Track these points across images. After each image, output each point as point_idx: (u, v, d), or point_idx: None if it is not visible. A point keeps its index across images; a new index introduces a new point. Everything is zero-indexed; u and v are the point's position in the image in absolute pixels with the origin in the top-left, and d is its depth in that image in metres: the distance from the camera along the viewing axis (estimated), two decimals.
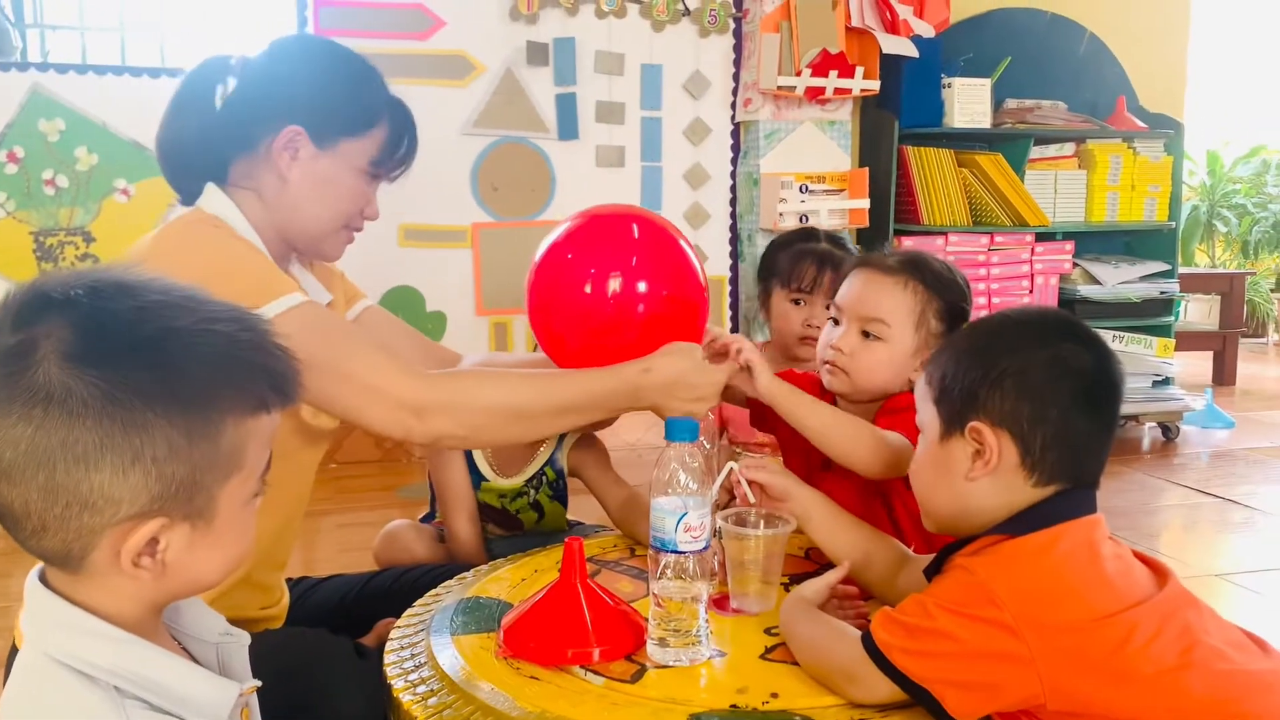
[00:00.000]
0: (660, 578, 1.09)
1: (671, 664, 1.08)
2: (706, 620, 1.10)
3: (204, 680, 0.77)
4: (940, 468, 1.05)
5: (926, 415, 1.08)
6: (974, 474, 1.01)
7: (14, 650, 1.22)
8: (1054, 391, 0.99)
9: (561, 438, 1.76)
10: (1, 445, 0.70)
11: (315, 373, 1.18)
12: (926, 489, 1.09)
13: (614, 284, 1.34)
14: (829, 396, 1.51)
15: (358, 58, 1.35)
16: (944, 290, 1.42)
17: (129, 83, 3.28)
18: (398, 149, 1.36)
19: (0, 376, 0.69)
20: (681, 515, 1.07)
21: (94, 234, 3.33)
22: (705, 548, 1.09)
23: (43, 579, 0.77)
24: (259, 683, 0.85)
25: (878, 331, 1.41)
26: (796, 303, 2.12)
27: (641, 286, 1.34)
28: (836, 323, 1.46)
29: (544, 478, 1.81)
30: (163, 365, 0.71)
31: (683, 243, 1.40)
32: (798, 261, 2.13)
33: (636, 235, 1.38)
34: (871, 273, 1.44)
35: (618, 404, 1.30)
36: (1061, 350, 1.00)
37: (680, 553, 1.08)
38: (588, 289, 1.34)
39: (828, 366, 1.45)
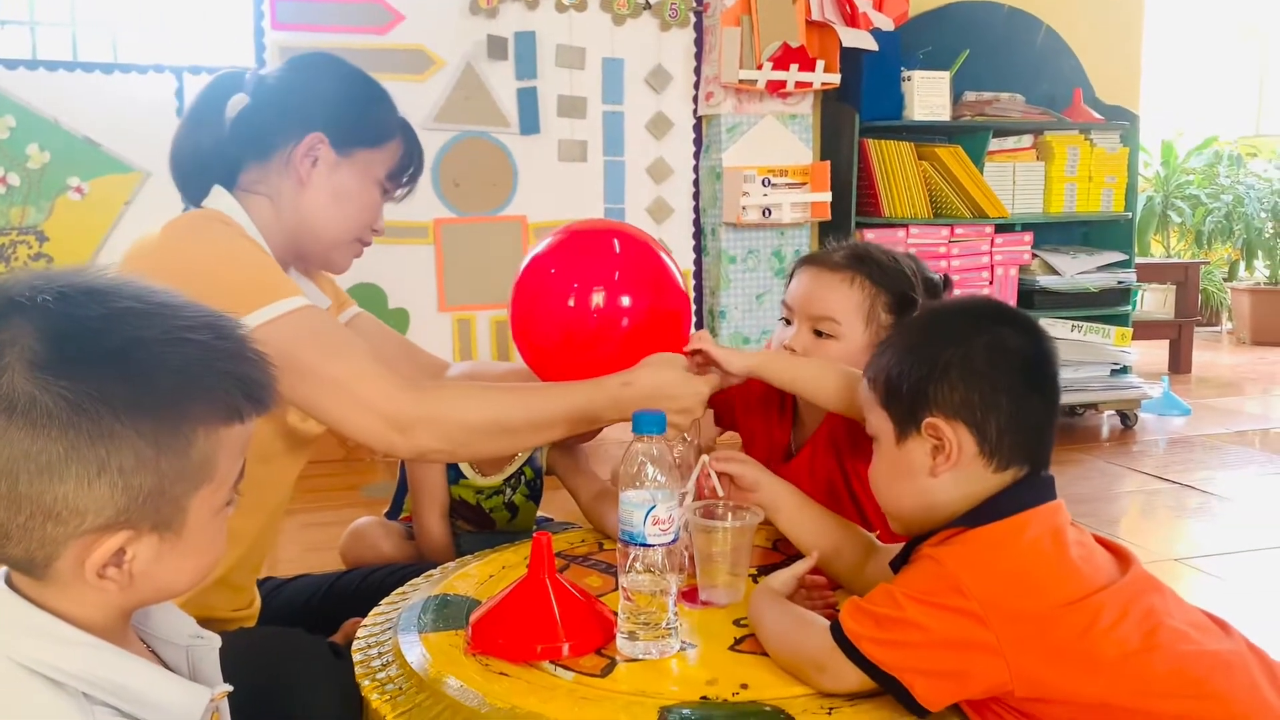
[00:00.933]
0: (629, 571, 1.09)
1: (641, 657, 1.08)
2: (676, 613, 1.10)
3: (174, 685, 0.76)
4: (901, 470, 1.06)
5: (877, 421, 1.08)
6: (937, 469, 1.02)
7: None
8: (1000, 375, 1.01)
9: None
10: None
11: (308, 378, 1.18)
12: (890, 494, 1.09)
13: (597, 298, 1.34)
14: (777, 396, 1.51)
15: (371, 77, 1.41)
16: (891, 282, 1.42)
17: (81, 79, 3.22)
18: (410, 164, 1.41)
19: None
20: (650, 508, 1.07)
21: (47, 233, 3.27)
22: (674, 541, 1.09)
23: (7, 582, 0.75)
24: (229, 687, 0.83)
25: (829, 330, 1.41)
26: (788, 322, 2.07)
27: (625, 300, 1.35)
28: (788, 323, 1.46)
29: (522, 476, 1.82)
30: (132, 375, 0.69)
31: (664, 256, 1.40)
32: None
33: (618, 250, 1.38)
34: (817, 270, 1.44)
35: (600, 417, 1.30)
36: (998, 334, 1.02)
37: (649, 546, 1.08)
38: (571, 303, 1.34)
39: None
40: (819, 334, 1.42)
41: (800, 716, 0.96)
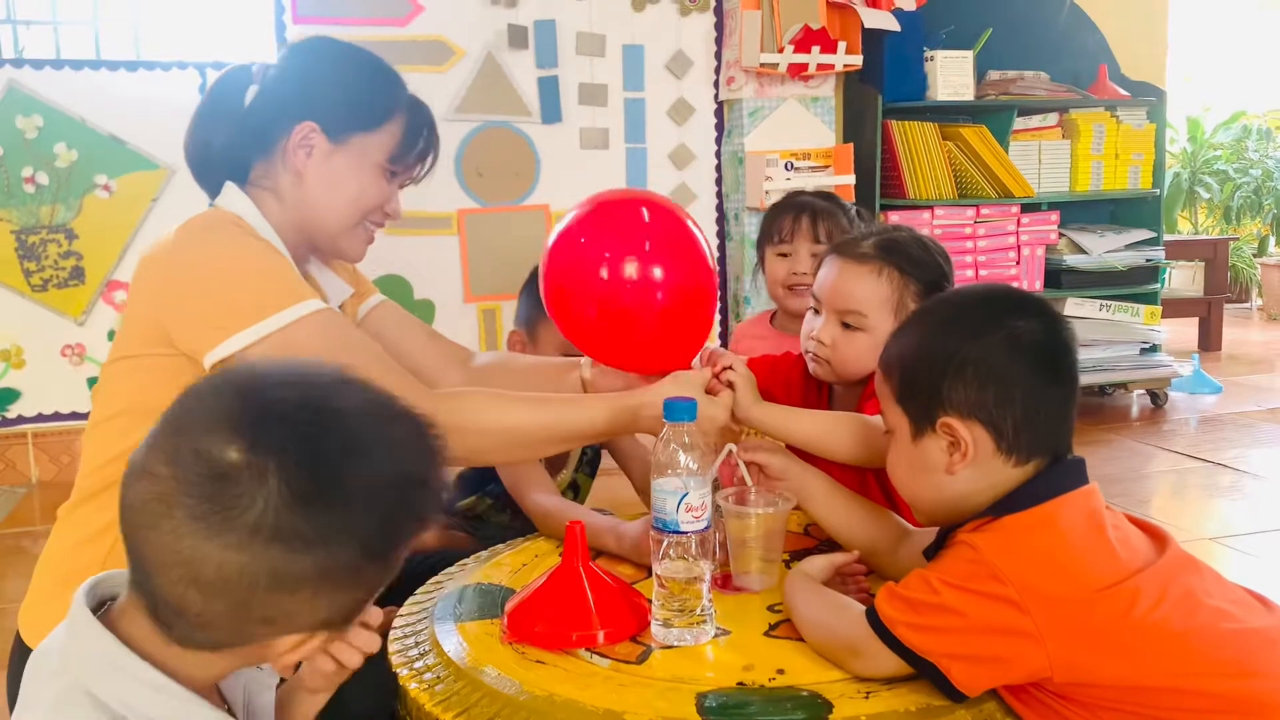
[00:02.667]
0: (663, 558, 1.09)
1: (676, 644, 1.09)
2: (710, 600, 1.11)
3: None
4: (918, 466, 1.05)
5: (893, 417, 1.07)
6: (953, 468, 1.01)
7: (17, 647, 1.21)
8: (1015, 371, 0.99)
9: None
10: (206, 562, 0.69)
11: None
12: (910, 487, 1.09)
13: (629, 268, 1.30)
14: (814, 381, 1.51)
15: (374, 56, 1.35)
16: (920, 271, 1.40)
17: (105, 77, 3.24)
18: (414, 145, 1.35)
19: (220, 495, 0.68)
20: (682, 495, 1.07)
21: (76, 231, 3.30)
22: (707, 527, 1.09)
23: (92, 604, 0.76)
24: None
25: (856, 322, 1.40)
26: (783, 255, 2.12)
27: (655, 271, 1.31)
28: (817, 312, 1.45)
29: (584, 458, 1.85)
30: (376, 519, 0.72)
31: (690, 224, 1.37)
32: (777, 216, 2.16)
33: (647, 219, 1.34)
34: (845, 262, 1.42)
35: (618, 431, 1.30)
36: (1013, 327, 1.00)
37: (682, 533, 1.08)
38: (603, 273, 1.30)
39: (811, 356, 1.44)
40: (846, 326, 1.40)
41: (837, 701, 0.96)
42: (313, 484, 0.70)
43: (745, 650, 1.08)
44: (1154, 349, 4.04)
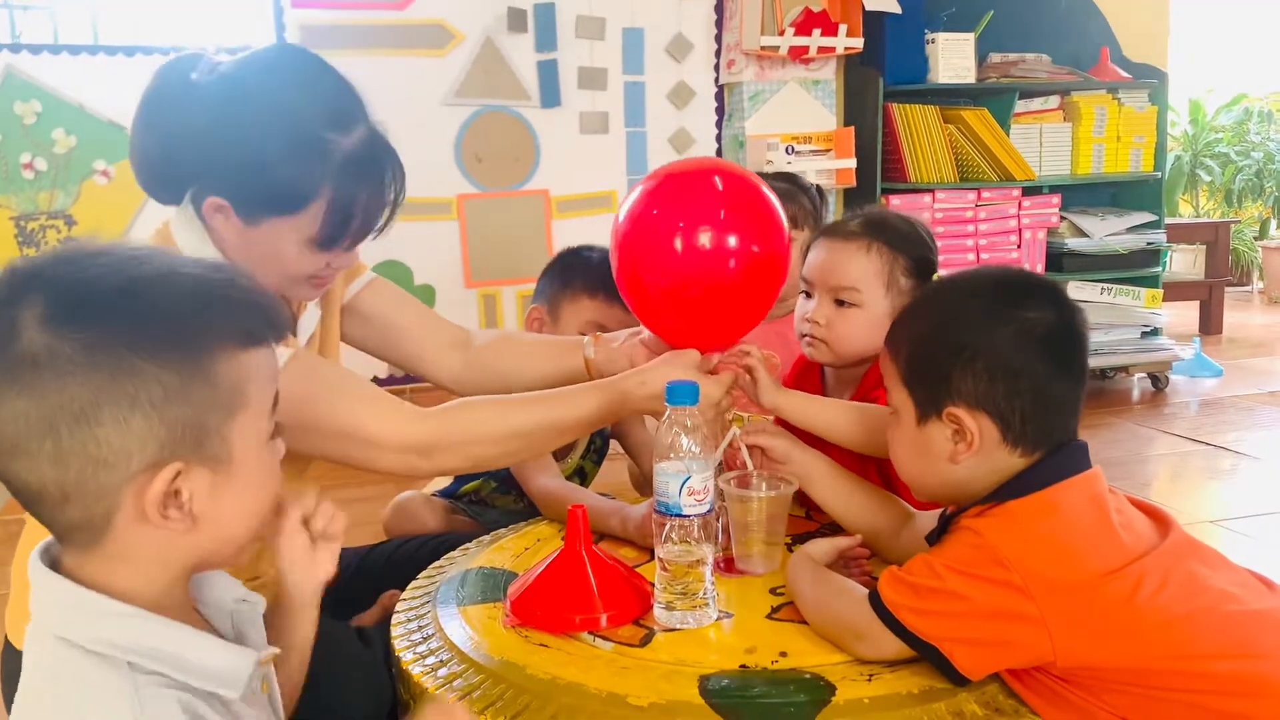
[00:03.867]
0: (665, 542, 1.09)
1: (679, 627, 1.09)
2: (712, 583, 1.11)
3: (218, 649, 0.77)
4: (921, 450, 1.05)
5: (898, 399, 1.07)
6: (958, 457, 1.01)
7: (7, 650, 1.20)
8: (1026, 364, 0.98)
9: None
10: (4, 422, 0.70)
11: (312, 432, 1.16)
12: (911, 470, 1.09)
13: (703, 238, 1.25)
14: (815, 368, 1.51)
15: (296, 116, 1.15)
16: (907, 247, 1.41)
17: (104, 62, 3.22)
18: (344, 225, 1.18)
19: None
20: (685, 479, 1.07)
21: (75, 217, 3.29)
22: (709, 511, 1.10)
23: (47, 563, 0.76)
24: (277, 650, 0.85)
25: (850, 299, 1.40)
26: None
27: (731, 240, 1.25)
28: (809, 295, 1.45)
29: (592, 445, 1.85)
30: (139, 310, 0.72)
31: (765, 190, 1.31)
32: None
33: (721, 188, 1.28)
34: (834, 241, 1.43)
35: (612, 416, 1.30)
36: (1025, 317, 0.99)
37: (684, 516, 1.08)
38: (677, 244, 1.24)
39: (807, 340, 1.44)
40: (840, 303, 1.41)
41: (840, 684, 0.96)
42: (62, 306, 0.71)
43: (748, 633, 1.08)
44: (1155, 332, 4.03)
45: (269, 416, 0.80)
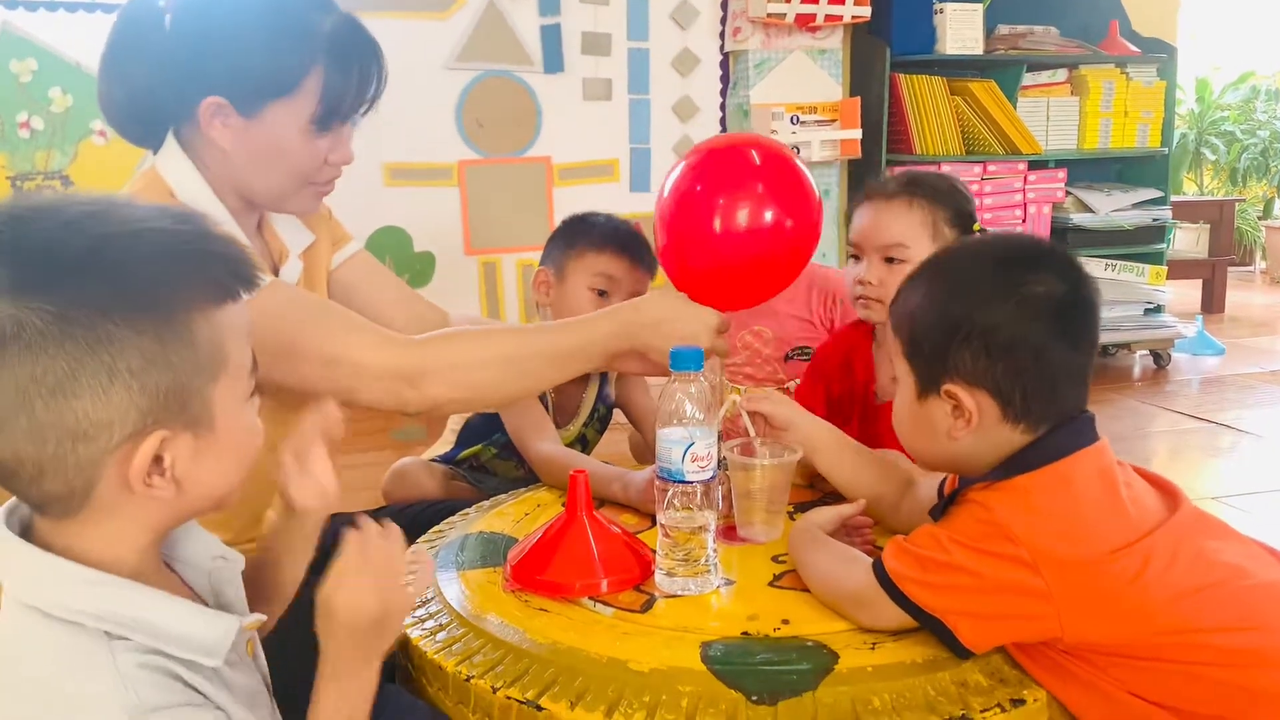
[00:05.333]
0: (668, 508, 1.08)
1: (680, 593, 1.08)
2: (715, 549, 1.10)
3: (198, 617, 0.75)
4: (922, 424, 1.03)
5: (900, 370, 1.05)
6: (957, 433, 1.00)
7: None
8: (1028, 339, 0.96)
9: (604, 376, 1.83)
10: None
11: (298, 359, 1.14)
12: (911, 440, 1.08)
13: (742, 213, 1.29)
14: (866, 329, 1.55)
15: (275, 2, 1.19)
16: (947, 199, 1.47)
17: (101, 19, 3.18)
18: (342, 97, 1.21)
19: None
20: (688, 445, 1.06)
21: (71, 177, 3.26)
22: (712, 477, 1.09)
23: (15, 529, 0.74)
24: (262, 617, 0.82)
25: (899, 255, 1.45)
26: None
27: (768, 214, 1.30)
28: (858, 259, 1.50)
29: (595, 414, 1.84)
30: (108, 273, 0.68)
31: (798, 164, 1.37)
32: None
33: (758, 162, 1.33)
34: (876, 202, 1.49)
35: (613, 345, 1.27)
36: (1029, 291, 0.96)
37: (687, 482, 1.07)
38: (717, 221, 1.29)
39: (861, 302, 1.49)
40: (890, 261, 1.46)
41: (843, 651, 0.96)
42: (25, 273, 0.67)
43: (750, 600, 1.08)
44: (1158, 310, 4.02)
45: (248, 373, 0.77)
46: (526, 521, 1.32)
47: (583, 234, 1.78)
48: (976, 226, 1.49)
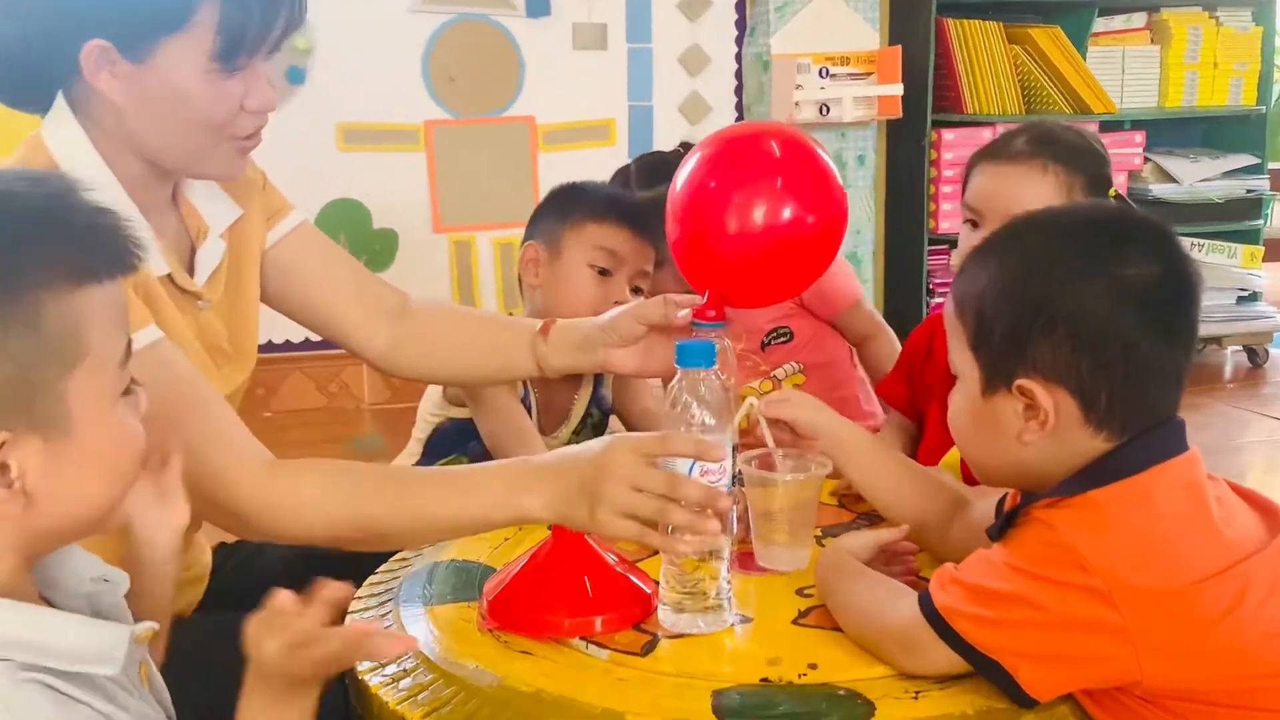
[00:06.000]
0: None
1: (687, 632, 1.08)
2: (729, 580, 1.10)
3: (83, 627, 0.75)
4: (985, 425, 1.03)
5: (962, 362, 1.05)
6: (1028, 437, 0.99)
7: None
8: (1118, 329, 0.96)
9: (599, 376, 1.82)
10: None
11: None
12: (971, 445, 1.08)
13: (759, 211, 1.32)
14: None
15: None
16: (1084, 163, 1.49)
17: None
18: (245, 26, 1.18)
19: None
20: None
21: None
22: (730, 491, 1.09)
23: None
24: (154, 625, 0.83)
25: None
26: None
27: (787, 210, 1.33)
28: (975, 225, 1.52)
29: (589, 419, 1.84)
30: None
31: (820, 153, 1.41)
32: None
33: (778, 154, 1.37)
34: (1000, 165, 1.51)
35: (503, 524, 1.20)
36: (1122, 269, 0.97)
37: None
38: (732, 219, 1.33)
39: None
40: None
41: (880, 702, 0.96)
42: None
43: (770, 641, 1.08)
44: (1253, 297, 4.03)
45: (119, 367, 0.77)
46: (506, 548, 1.32)
47: (580, 201, 1.78)
48: (1112, 192, 1.51)
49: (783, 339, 2.03)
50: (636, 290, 1.76)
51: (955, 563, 1.00)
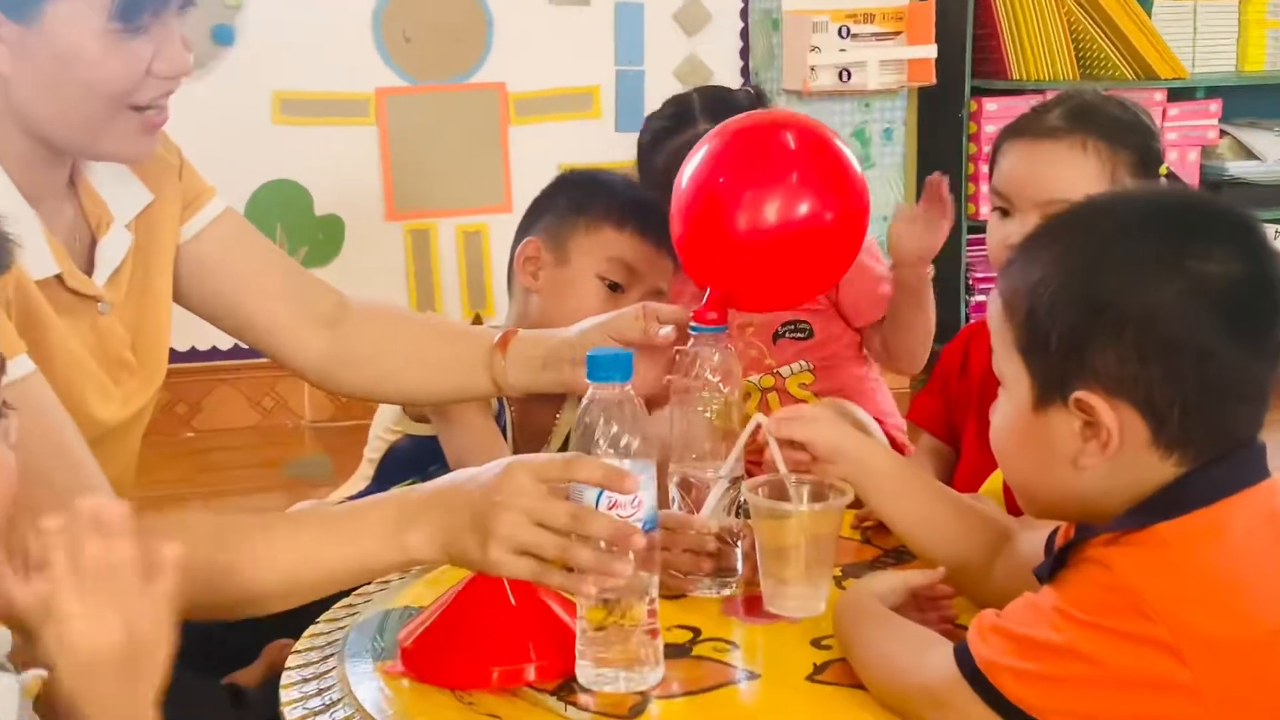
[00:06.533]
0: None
1: (606, 689, 1.09)
2: (654, 627, 1.10)
3: None
4: (1035, 444, 1.03)
5: (1009, 369, 1.05)
6: (1087, 460, 0.99)
7: None
8: (1195, 334, 0.95)
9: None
10: None
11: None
12: (1018, 468, 1.08)
13: (772, 208, 1.36)
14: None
15: None
16: (1129, 136, 1.50)
17: None
18: None
19: None
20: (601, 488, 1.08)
21: None
22: (650, 529, 1.10)
23: None
24: (42, 673, 0.82)
25: None
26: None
27: (803, 206, 1.38)
28: (1006, 213, 1.54)
29: (568, 439, 1.85)
30: None
31: (839, 145, 1.45)
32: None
33: (793, 146, 1.42)
34: (1034, 142, 1.52)
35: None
36: (1200, 265, 0.96)
37: None
38: (742, 218, 1.37)
39: None
40: None
41: None
42: None
43: (781, 701, 1.08)
44: None
45: None
46: None
47: (599, 199, 1.78)
48: (1163, 170, 1.52)
49: (800, 335, 2.03)
50: None
51: (998, 608, 1.00)
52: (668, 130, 2.05)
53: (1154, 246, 0.99)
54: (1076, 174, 1.48)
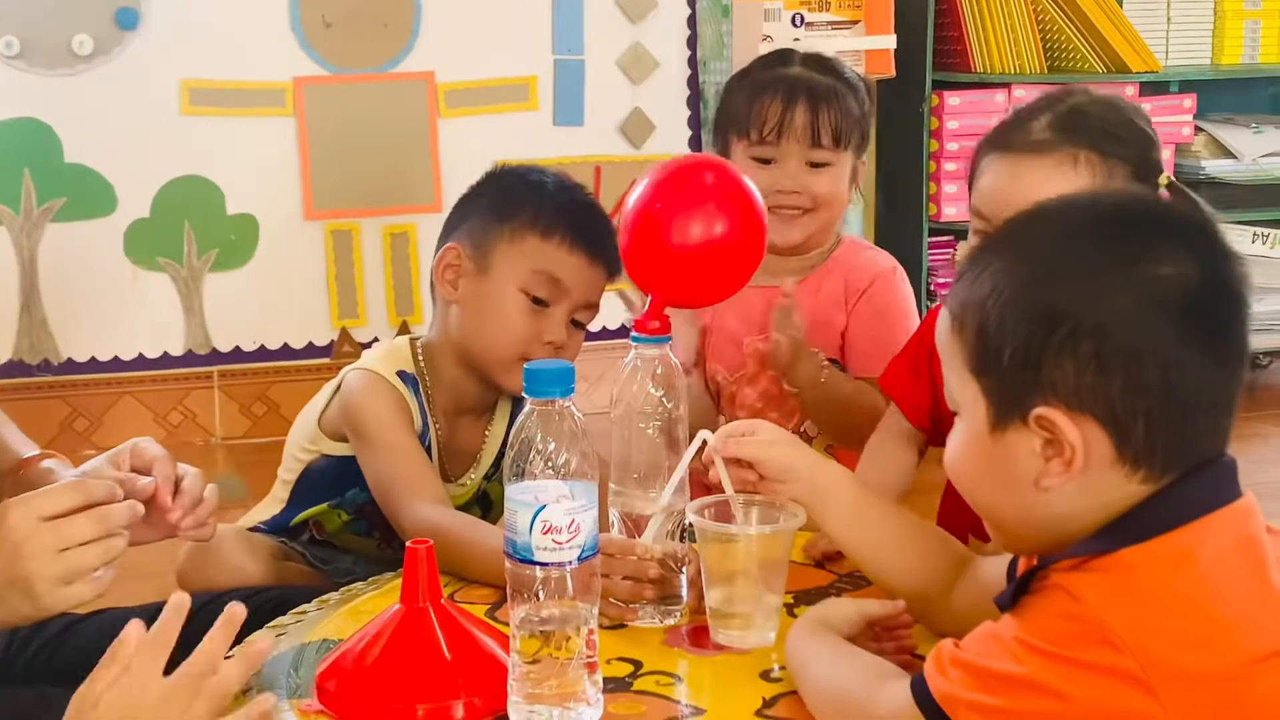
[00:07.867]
0: (515, 602, 1.09)
1: None
2: (593, 660, 1.10)
3: None
4: (995, 469, 1.04)
5: (961, 392, 1.06)
6: (1050, 480, 1.00)
7: None
8: (1152, 340, 0.97)
9: (514, 408, 1.80)
10: None
11: None
12: (980, 494, 1.08)
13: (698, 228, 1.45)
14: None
15: None
16: (1125, 148, 1.46)
17: None
18: None
19: None
20: (537, 510, 1.07)
21: None
22: (588, 556, 1.09)
23: None
24: None
25: None
26: (763, 162, 2.05)
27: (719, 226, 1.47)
28: (986, 236, 1.46)
29: (501, 456, 1.84)
30: None
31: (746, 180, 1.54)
32: (755, 97, 2.07)
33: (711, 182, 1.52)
34: (1019, 159, 1.48)
35: None
36: (1155, 270, 0.98)
37: (538, 564, 1.08)
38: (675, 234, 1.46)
39: None
40: None
41: None
42: None
43: None
44: None
45: None
46: None
47: (527, 204, 1.75)
48: (1164, 180, 1.47)
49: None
50: (577, 325, 1.75)
51: (957, 638, 1.01)
52: (749, 71, 2.18)
53: (1106, 252, 1.00)
54: (1066, 191, 1.39)
